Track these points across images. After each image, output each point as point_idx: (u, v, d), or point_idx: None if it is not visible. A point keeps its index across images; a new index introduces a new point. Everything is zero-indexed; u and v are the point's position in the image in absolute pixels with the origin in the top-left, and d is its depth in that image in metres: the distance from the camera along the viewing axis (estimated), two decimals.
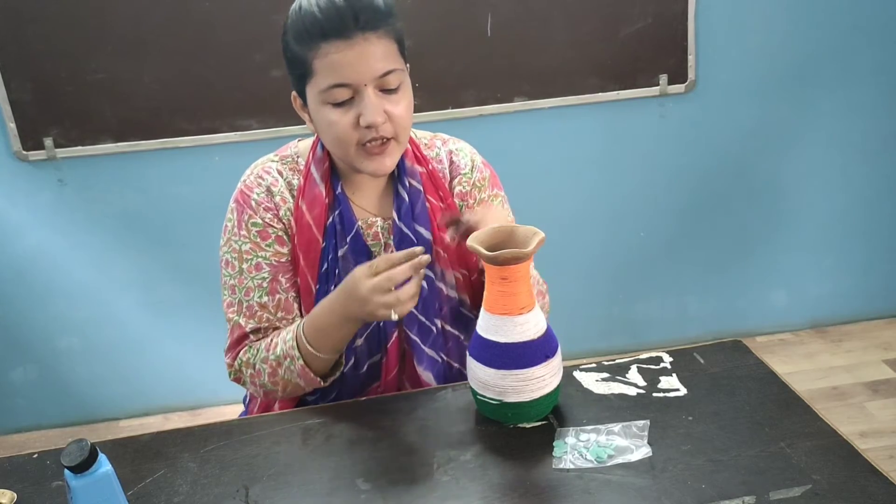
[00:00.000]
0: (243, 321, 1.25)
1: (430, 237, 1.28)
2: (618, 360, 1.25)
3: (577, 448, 1.04)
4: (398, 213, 1.27)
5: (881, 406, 2.39)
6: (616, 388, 1.18)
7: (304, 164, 1.28)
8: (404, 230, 1.26)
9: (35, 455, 1.14)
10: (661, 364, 1.23)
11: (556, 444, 1.06)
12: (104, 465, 0.92)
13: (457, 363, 1.31)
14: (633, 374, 1.21)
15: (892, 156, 2.63)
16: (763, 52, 2.46)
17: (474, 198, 1.33)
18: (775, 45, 2.45)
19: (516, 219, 1.31)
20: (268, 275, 1.25)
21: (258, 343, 1.25)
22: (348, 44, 1.13)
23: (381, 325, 1.26)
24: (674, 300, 2.73)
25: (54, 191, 2.34)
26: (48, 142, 2.27)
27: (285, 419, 1.19)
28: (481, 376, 1.09)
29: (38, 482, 1.08)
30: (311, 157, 1.28)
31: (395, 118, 1.17)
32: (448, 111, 2.36)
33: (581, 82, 2.40)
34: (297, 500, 1.01)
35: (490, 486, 1.00)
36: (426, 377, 1.28)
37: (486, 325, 1.08)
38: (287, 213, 1.26)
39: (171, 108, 2.29)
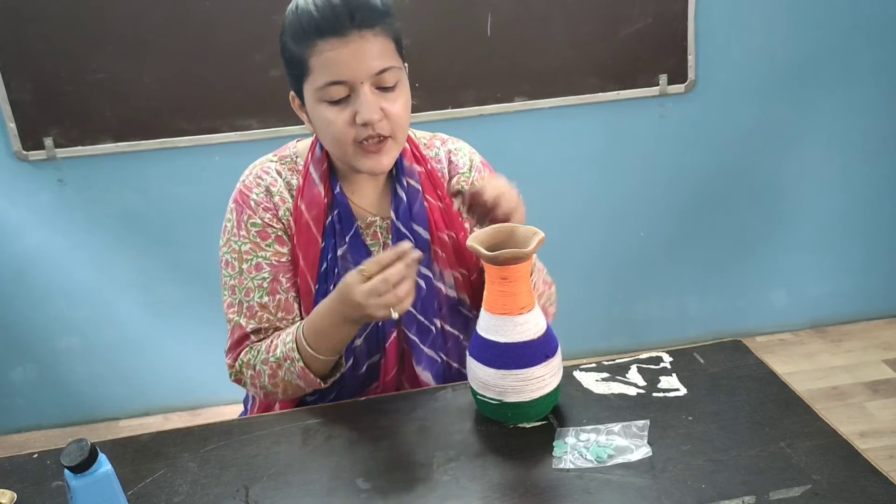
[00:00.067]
0: (244, 322, 1.25)
1: (428, 237, 1.28)
2: (618, 360, 1.25)
3: (577, 448, 1.04)
4: (396, 213, 1.27)
5: (881, 406, 2.39)
6: (616, 388, 1.18)
7: (303, 165, 1.28)
8: (402, 230, 1.26)
9: (35, 455, 1.14)
10: (661, 364, 1.23)
11: (556, 444, 1.06)
12: (104, 465, 0.92)
13: (456, 363, 1.31)
14: (633, 374, 1.21)
15: (892, 156, 2.63)
16: (763, 52, 2.46)
17: None
18: (775, 45, 2.45)
19: None
20: (268, 275, 1.25)
21: (259, 344, 1.24)
22: (344, 41, 1.13)
23: (379, 325, 1.26)
24: (674, 300, 2.73)
25: (54, 191, 2.34)
26: (48, 142, 2.27)
27: (285, 419, 1.19)
28: (481, 376, 1.09)
29: (38, 482, 1.08)
30: (310, 157, 1.27)
31: (392, 116, 1.17)
32: (448, 111, 2.36)
33: (581, 82, 2.40)
34: (297, 500, 1.01)
35: (490, 486, 1.00)
36: (425, 377, 1.28)
37: (486, 325, 1.08)
38: (286, 213, 1.26)
39: (171, 108, 2.29)
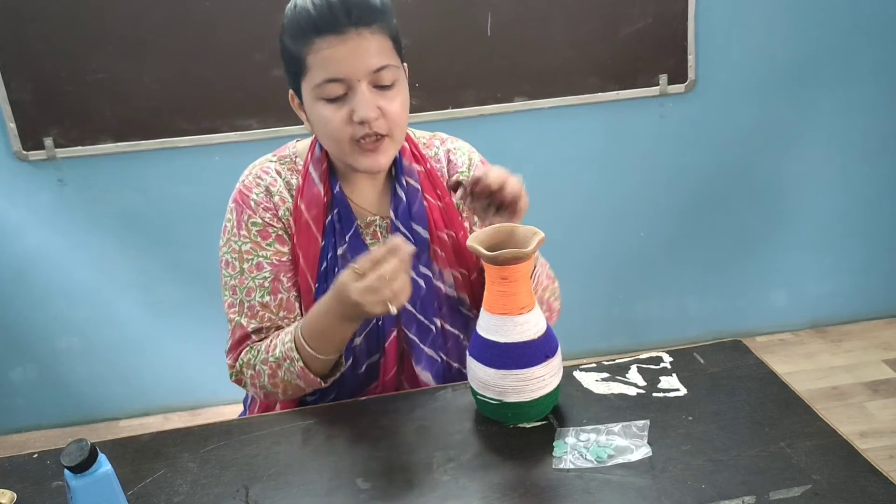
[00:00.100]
0: (245, 321, 1.25)
1: (428, 236, 1.28)
2: (618, 360, 1.25)
3: (577, 448, 1.04)
4: (395, 213, 1.27)
5: (881, 406, 2.39)
6: (616, 388, 1.18)
7: (303, 164, 1.28)
8: (402, 229, 1.26)
9: (35, 455, 1.14)
10: (661, 364, 1.23)
11: (556, 444, 1.06)
12: (104, 465, 0.92)
13: (456, 363, 1.31)
14: (633, 374, 1.21)
15: (892, 156, 2.63)
16: (763, 52, 2.46)
17: None
18: (775, 45, 2.45)
19: None
20: (269, 274, 1.25)
21: (259, 344, 1.24)
22: (341, 39, 1.13)
23: (379, 324, 1.25)
24: (674, 300, 2.72)
25: (54, 191, 2.34)
26: (48, 142, 2.27)
27: (285, 419, 1.19)
28: (481, 376, 1.09)
29: (38, 482, 1.08)
30: (310, 156, 1.28)
31: (390, 115, 1.17)
32: (448, 111, 2.36)
33: (581, 82, 2.40)
34: (297, 500, 1.01)
35: (490, 486, 1.00)
36: (424, 377, 1.28)
37: (486, 325, 1.08)
38: (286, 213, 1.26)
39: (171, 108, 2.29)
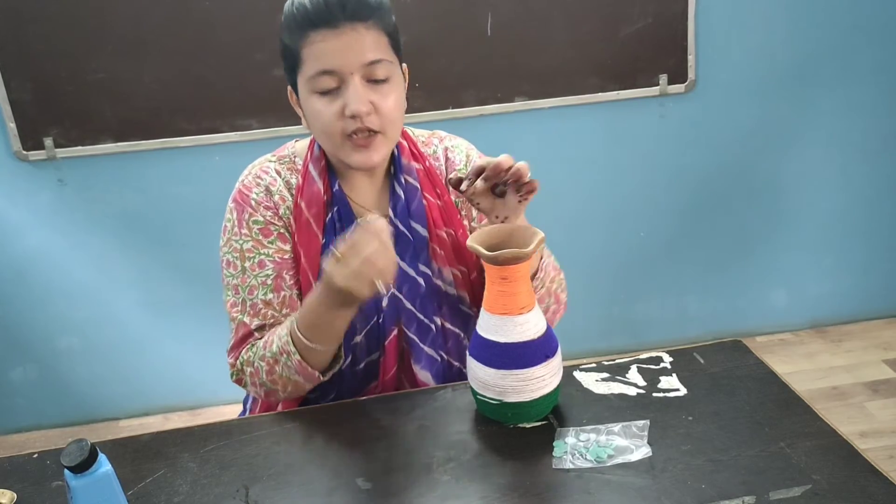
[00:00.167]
0: (247, 319, 1.24)
1: (427, 234, 1.28)
2: (618, 360, 1.25)
3: (577, 448, 1.04)
4: (394, 211, 1.27)
5: (881, 406, 2.39)
6: (616, 388, 1.18)
7: (302, 163, 1.28)
8: (400, 227, 1.26)
9: (35, 455, 1.14)
10: (661, 364, 1.23)
11: (556, 444, 1.06)
12: (104, 465, 0.92)
13: (457, 361, 1.31)
14: (633, 374, 1.21)
15: (892, 156, 2.63)
16: (763, 52, 2.46)
17: None
18: (775, 45, 2.45)
19: None
20: (272, 272, 1.24)
21: (259, 341, 1.24)
22: (335, 33, 1.14)
23: (380, 322, 1.25)
24: (674, 300, 2.72)
25: (54, 191, 2.34)
26: (48, 142, 2.27)
27: (285, 419, 1.19)
28: (481, 376, 1.09)
29: (38, 482, 1.08)
30: (310, 155, 1.28)
31: (383, 111, 1.17)
32: (448, 111, 2.36)
33: (581, 82, 2.40)
34: (297, 500, 1.01)
35: (490, 486, 1.00)
36: (423, 377, 1.27)
37: (486, 325, 1.08)
38: (286, 212, 1.26)
39: (171, 108, 2.29)
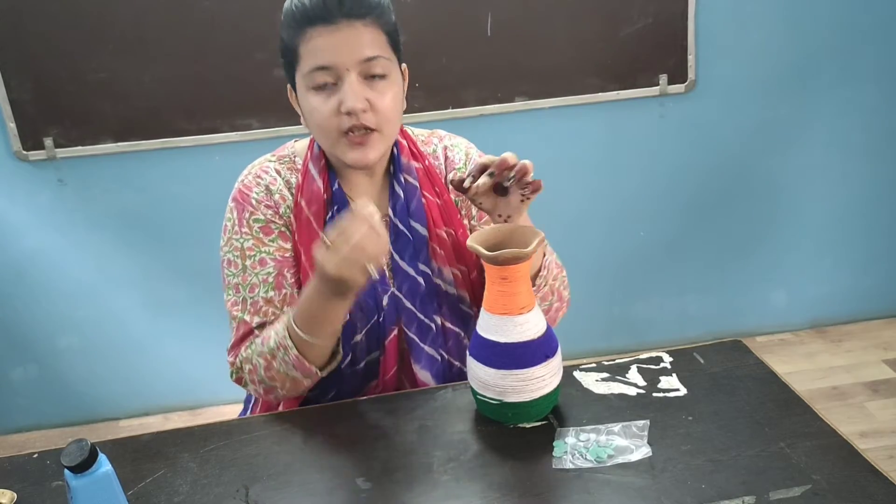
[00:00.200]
0: (248, 317, 1.24)
1: (426, 234, 1.28)
2: (618, 360, 1.25)
3: (577, 448, 1.04)
4: (394, 210, 1.27)
5: (881, 406, 2.39)
6: (616, 388, 1.18)
7: (302, 162, 1.28)
8: (400, 227, 1.26)
9: (35, 455, 1.14)
10: (661, 364, 1.23)
11: (556, 444, 1.06)
12: (104, 465, 0.92)
13: (457, 361, 1.31)
14: (633, 374, 1.21)
15: (892, 155, 2.63)
16: (763, 52, 2.46)
17: None
18: (775, 44, 2.45)
19: None
20: (273, 269, 1.24)
21: (258, 338, 1.23)
22: (332, 29, 1.14)
23: (380, 321, 1.25)
24: (674, 300, 2.73)
25: (54, 191, 2.34)
26: (48, 142, 2.27)
27: (285, 419, 1.19)
28: (481, 376, 1.09)
29: (38, 482, 1.08)
30: (309, 154, 1.28)
31: (379, 109, 1.17)
32: (448, 111, 2.36)
33: (581, 82, 2.40)
34: (297, 500, 1.01)
35: (490, 486, 1.00)
36: (423, 377, 1.27)
37: (486, 325, 1.08)
38: (287, 211, 1.26)
39: (171, 108, 2.29)
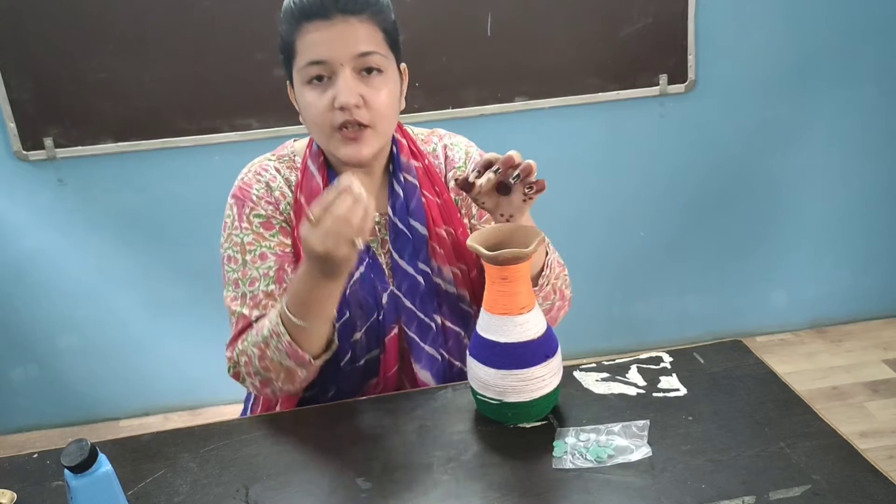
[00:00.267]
0: (248, 311, 1.22)
1: (426, 232, 1.28)
2: (618, 360, 1.25)
3: (577, 448, 1.04)
4: (393, 209, 1.27)
5: (881, 406, 2.39)
6: (616, 388, 1.18)
7: (301, 160, 1.28)
8: (399, 225, 1.26)
9: (35, 455, 1.14)
10: (661, 364, 1.23)
11: (556, 444, 1.06)
12: (104, 465, 0.92)
13: (457, 360, 1.30)
14: (633, 374, 1.21)
15: (892, 156, 2.63)
16: (763, 52, 2.46)
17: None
18: (775, 44, 2.45)
19: None
20: (273, 264, 1.24)
21: (254, 329, 1.21)
22: (327, 24, 1.15)
23: (380, 319, 1.25)
24: (674, 300, 2.73)
25: (54, 191, 2.35)
26: (48, 142, 2.27)
27: (285, 419, 1.19)
28: (481, 376, 1.09)
29: (38, 482, 1.08)
30: (308, 152, 1.28)
31: (373, 105, 1.17)
32: (448, 111, 2.36)
33: (581, 82, 2.40)
34: (297, 500, 1.01)
35: (490, 486, 1.00)
36: (423, 376, 1.27)
37: (486, 325, 1.08)
38: (287, 208, 1.26)
39: (171, 108, 2.29)
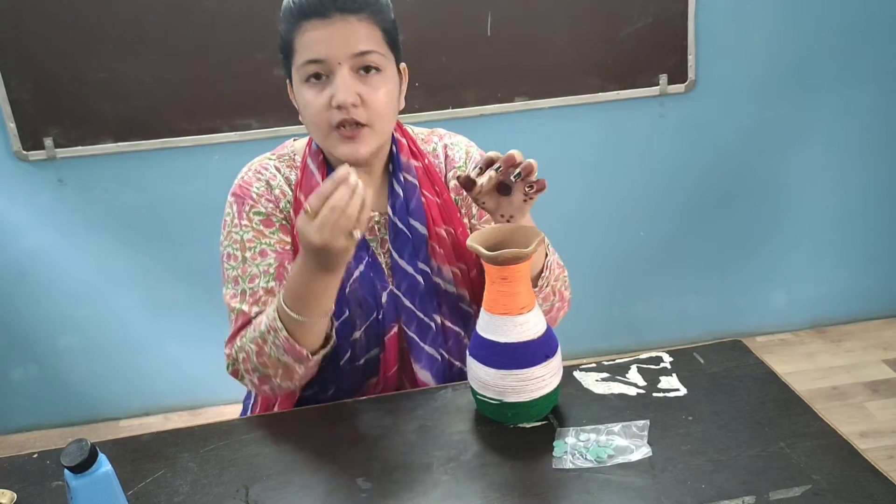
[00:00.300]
0: (247, 307, 1.22)
1: (426, 232, 1.28)
2: (618, 360, 1.25)
3: (577, 448, 1.04)
4: (393, 208, 1.27)
5: (881, 406, 2.39)
6: (616, 388, 1.18)
7: (301, 159, 1.28)
8: (399, 225, 1.26)
9: (35, 455, 1.14)
10: (661, 364, 1.23)
11: (556, 444, 1.06)
12: (104, 465, 0.92)
13: (457, 360, 1.31)
14: (633, 374, 1.21)
15: (892, 156, 2.63)
16: (763, 52, 2.46)
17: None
18: (775, 44, 2.45)
19: None
20: (274, 261, 1.24)
21: (252, 325, 1.21)
22: (326, 22, 1.15)
23: (379, 318, 1.25)
24: (674, 300, 2.72)
25: (54, 191, 2.34)
26: (48, 142, 2.27)
27: (285, 419, 1.19)
28: (481, 376, 1.09)
29: (38, 482, 1.08)
30: (308, 151, 1.28)
31: (371, 104, 1.17)
32: (448, 111, 2.36)
33: (581, 82, 2.40)
34: (297, 500, 1.01)
35: (490, 486, 1.00)
36: (423, 376, 1.27)
37: (486, 325, 1.08)
38: (287, 206, 1.26)
39: (171, 108, 2.29)
